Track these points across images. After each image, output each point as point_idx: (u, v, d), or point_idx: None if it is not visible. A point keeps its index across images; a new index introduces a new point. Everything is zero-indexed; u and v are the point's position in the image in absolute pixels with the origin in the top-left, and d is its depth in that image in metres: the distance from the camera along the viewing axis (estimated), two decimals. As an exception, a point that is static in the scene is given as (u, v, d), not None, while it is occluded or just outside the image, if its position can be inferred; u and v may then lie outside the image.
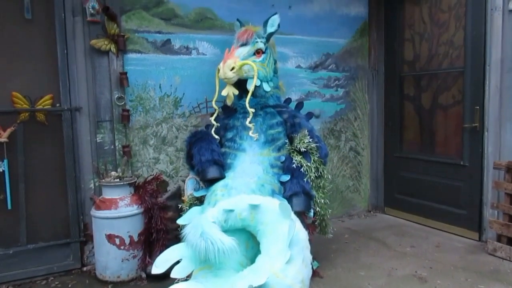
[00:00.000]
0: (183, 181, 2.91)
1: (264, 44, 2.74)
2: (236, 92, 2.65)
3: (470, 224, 3.11)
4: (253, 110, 2.58)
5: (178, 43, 2.94)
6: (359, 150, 3.83)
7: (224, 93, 2.62)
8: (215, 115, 2.70)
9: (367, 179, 3.89)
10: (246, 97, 2.60)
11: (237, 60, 2.58)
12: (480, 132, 2.99)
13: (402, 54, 3.60)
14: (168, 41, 2.91)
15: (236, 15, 2.97)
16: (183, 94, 2.98)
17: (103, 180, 2.58)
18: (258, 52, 2.70)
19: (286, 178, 2.50)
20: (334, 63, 3.62)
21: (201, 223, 1.92)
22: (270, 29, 2.77)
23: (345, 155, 3.75)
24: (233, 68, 2.55)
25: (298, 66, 3.44)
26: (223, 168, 2.51)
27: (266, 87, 2.71)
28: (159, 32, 2.87)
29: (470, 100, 3.05)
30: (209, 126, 2.83)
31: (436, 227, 3.35)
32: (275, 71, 2.87)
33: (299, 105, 2.92)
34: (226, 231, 2.02)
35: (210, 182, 2.47)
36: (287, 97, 3.12)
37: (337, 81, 3.65)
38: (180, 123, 2.99)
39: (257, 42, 2.70)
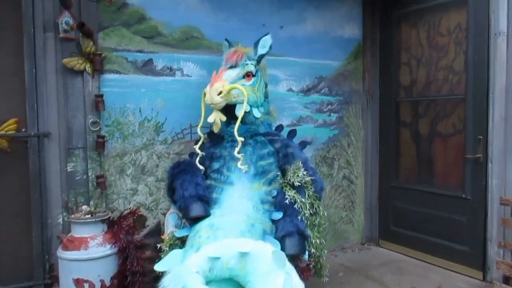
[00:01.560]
0: (164, 214, 2.64)
1: (255, 67, 2.52)
2: (224, 118, 2.42)
3: (473, 262, 2.90)
4: (242, 138, 2.34)
5: (161, 64, 2.70)
6: (353, 178, 3.62)
7: (210, 119, 2.39)
8: (200, 143, 2.45)
9: (361, 209, 3.67)
10: (234, 123, 2.38)
11: (226, 84, 2.35)
12: (484, 164, 2.81)
13: (398, 78, 3.43)
14: (150, 61, 2.66)
15: (224, 35, 2.76)
16: (166, 119, 2.72)
17: (73, 216, 2.28)
18: (248, 75, 2.49)
19: (278, 215, 2.25)
20: (327, 87, 3.42)
21: (182, 275, 1.65)
22: (261, 50, 2.56)
23: (338, 184, 3.53)
24: (220, 92, 2.32)
25: (290, 90, 3.24)
26: (208, 204, 2.25)
27: (257, 113, 2.49)
28: (141, 51, 2.63)
29: (473, 129, 2.87)
30: (193, 154, 2.59)
31: (436, 263, 3.13)
32: (266, 96, 2.65)
33: (292, 133, 2.70)
34: (211, 281, 1.76)
35: (193, 220, 2.21)
36: (278, 123, 2.90)
37: (330, 106, 3.45)
38: (162, 150, 2.73)
39: (247, 64, 2.48)
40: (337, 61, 3.45)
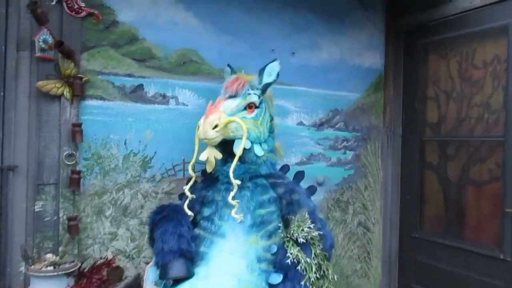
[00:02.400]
0: (147, 263, 2.26)
1: (259, 97, 2.17)
2: (219, 156, 2.06)
3: (513, 338, 2.42)
4: (238, 182, 1.97)
5: (153, 90, 2.38)
6: (369, 225, 3.18)
7: (203, 157, 2.03)
8: (190, 183, 2.09)
9: (378, 261, 3.22)
10: (232, 162, 2.01)
11: (223, 116, 2.00)
12: (527, 221, 2.37)
13: (424, 114, 3.03)
14: (141, 86, 2.34)
15: (227, 60, 2.43)
16: (155, 152, 2.37)
17: (32, 268, 1.92)
18: (250, 106, 2.13)
19: (277, 279, 1.84)
20: (343, 121, 3.05)
21: None
22: (267, 78, 2.21)
23: (352, 232, 3.10)
24: (216, 126, 1.96)
25: (300, 123, 2.87)
26: (192, 261, 1.86)
27: (259, 150, 2.12)
28: (130, 75, 2.31)
29: (513, 178, 2.44)
30: (183, 196, 2.22)
31: (466, 334, 2.65)
32: (271, 130, 2.28)
33: (299, 175, 2.32)
34: None
35: (173, 281, 1.82)
36: (286, 161, 2.53)
37: (345, 142, 3.06)
38: (148, 189, 2.37)
39: (249, 94, 2.14)
40: (355, 92, 3.09)
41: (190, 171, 2.10)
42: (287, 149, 2.77)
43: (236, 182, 1.96)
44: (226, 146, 2.08)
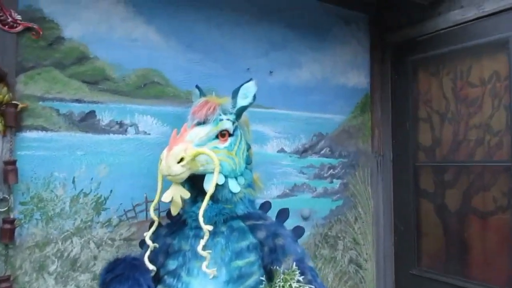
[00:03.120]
0: (102, 327, 1.85)
1: (233, 123, 1.85)
2: (187, 195, 1.71)
3: None
4: (209, 227, 1.62)
5: (108, 117, 2.01)
6: (362, 262, 2.85)
7: (166, 198, 1.67)
8: (152, 229, 1.73)
9: (372, 303, 2.88)
10: (202, 202, 1.67)
11: (189, 147, 1.67)
12: (543, 257, 2.08)
13: (416, 137, 2.76)
14: (92, 113, 1.97)
15: (196, 81, 2.12)
16: (111, 191, 1.99)
17: None
18: (222, 134, 1.81)
19: None
20: (328, 147, 2.74)
21: None
22: (242, 101, 1.89)
23: (343, 270, 2.75)
24: (181, 160, 1.62)
25: (281, 150, 2.54)
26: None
27: (234, 186, 1.79)
28: (79, 101, 1.94)
29: (524, 208, 2.17)
30: (144, 245, 1.85)
31: None
32: (248, 161, 1.96)
33: (283, 214, 1.98)
34: None
35: None
36: (265, 196, 2.19)
37: (332, 170, 2.75)
38: (103, 235, 1.97)
39: (221, 120, 1.81)
40: (340, 114, 2.79)
41: (152, 214, 1.73)
42: (267, 180, 2.44)
43: (207, 228, 1.61)
44: (195, 182, 1.75)
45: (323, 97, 2.71)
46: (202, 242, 1.61)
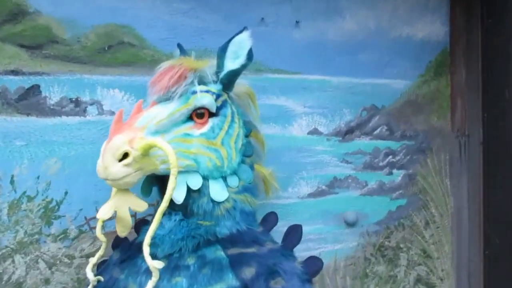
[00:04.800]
0: None
1: (217, 98, 1.23)
2: (142, 206, 1.17)
3: None
4: (159, 264, 1.04)
5: (58, 93, 1.48)
6: (435, 281, 2.06)
7: (102, 214, 1.12)
8: (97, 255, 1.20)
9: None
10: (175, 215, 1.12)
11: (137, 137, 1.09)
12: None
13: (521, 108, 1.87)
14: (35, 89, 1.45)
15: (183, 40, 1.50)
16: (66, 193, 1.48)
17: None
18: (199, 115, 1.20)
19: None
20: (386, 124, 1.96)
21: None
22: (231, 64, 1.26)
23: (407, 295, 2.01)
24: (125, 156, 1.05)
25: (314, 131, 1.83)
26: None
27: (218, 192, 1.21)
28: (15, 72, 1.43)
29: None
30: (101, 265, 1.33)
31: None
32: (248, 152, 1.33)
33: (294, 234, 1.31)
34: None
35: None
36: (279, 203, 1.56)
37: (391, 157, 1.98)
38: (57, 252, 1.48)
39: (194, 93, 1.20)
40: (403, 79, 1.98)
41: (98, 233, 1.20)
42: (293, 173, 1.78)
43: (154, 266, 1.02)
44: (164, 184, 1.17)
45: (377, 56, 1.92)
46: (150, 285, 1.03)
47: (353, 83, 1.87)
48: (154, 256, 1.12)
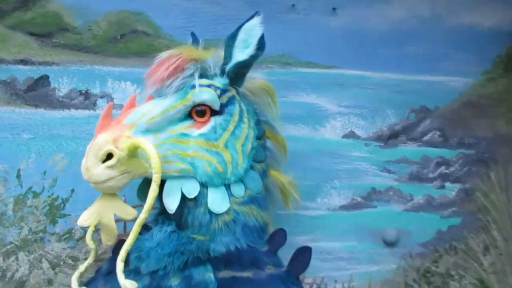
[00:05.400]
0: None
1: (222, 93, 1.07)
2: (130, 214, 1.05)
3: None
4: (132, 286, 0.90)
5: (67, 85, 1.40)
6: (494, 319, 1.75)
7: (83, 220, 1.02)
8: (85, 264, 1.12)
9: None
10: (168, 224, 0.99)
11: (123, 136, 0.96)
12: None
13: None
14: (44, 80, 1.39)
15: (202, 29, 1.36)
16: (72, 191, 1.40)
17: None
18: (200, 112, 1.04)
19: None
20: (439, 129, 1.67)
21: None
22: (239, 54, 1.08)
23: (457, 331, 1.71)
24: (109, 157, 0.93)
25: (350, 135, 1.60)
26: None
27: (217, 202, 1.06)
28: (25, 62, 1.37)
29: None
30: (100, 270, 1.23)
31: None
32: (259, 157, 1.15)
33: (301, 257, 1.11)
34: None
35: None
36: (307, 212, 1.38)
37: (443, 168, 1.68)
38: (61, 252, 1.40)
39: (192, 88, 1.05)
40: (462, 76, 1.67)
41: (88, 239, 1.10)
42: (323, 182, 1.57)
43: (125, 286, 0.89)
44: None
45: (430, 49, 1.64)
46: (122, 307, 0.90)
47: (399, 80, 1.61)
48: (137, 271, 1.00)
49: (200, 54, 1.09)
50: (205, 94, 1.05)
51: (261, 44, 1.06)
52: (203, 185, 1.05)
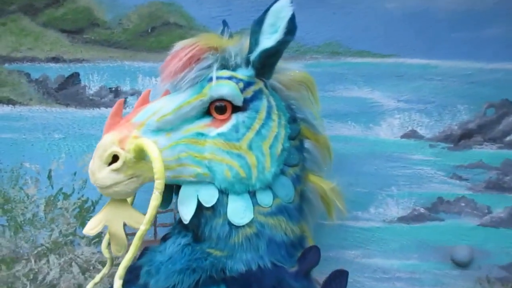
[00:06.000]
0: None
1: (247, 86, 0.92)
2: (139, 221, 0.92)
3: None
4: None
5: (97, 82, 1.34)
6: None
7: (89, 229, 0.92)
8: (100, 275, 1.05)
9: None
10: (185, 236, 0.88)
11: (130, 136, 0.85)
12: None
13: None
14: (75, 78, 1.34)
15: (240, 19, 1.24)
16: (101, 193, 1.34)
17: None
18: (219, 108, 0.90)
19: None
20: (526, 128, 1.38)
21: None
22: (266, 39, 0.92)
23: None
24: (114, 159, 0.83)
25: (411, 134, 1.36)
26: None
27: (239, 212, 0.92)
28: (56, 60, 1.33)
29: None
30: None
31: None
32: (291, 161, 0.99)
33: (337, 283, 0.92)
34: None
35: None
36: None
37: (532, 175, 1.38)
38: (90, 257, 1.35)
39: (210, 81, 0.91)
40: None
41: (104, 248, 1.02)
42: (378, 189, 1.35)
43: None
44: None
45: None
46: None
47: (473, 69, 1.34)
48: (146, 287, 0.88)
49: (221, 42, 0.95)
50: (224, 87, 0.91)
51: (290, 27, 0.90)
52: (223, 192, 0.91)
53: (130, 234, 1.30)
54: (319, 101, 1.11)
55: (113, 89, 1.33)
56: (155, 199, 0.81)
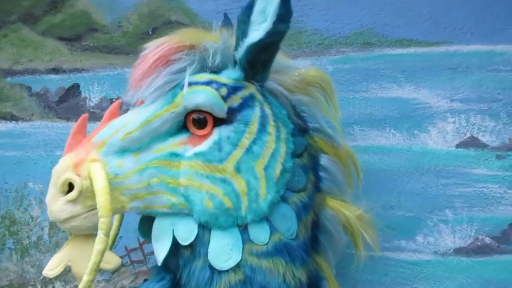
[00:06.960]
0: None
1: (232, 91, 0.75)
2: (113, 262, 0.78)
3: None
4: None
5: (98, 93, 1.22)
6: None
7: (48, 270, 0.79)
8: None
9: None
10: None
11: (87, 160, 0.70)
12: None
13: None
14: (75, 89, 1.22)
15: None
16: (105, 215, 1.22)
17: None
18: (198, 122, 0.72)
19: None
20: None
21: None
22: (255, 31, 0.72)
23: None
24: (69, 188, 0.69)
25: (471, 143, 1.07)
26: None
27: (222, 253, 0.71)
28: (56, 71, 1.23)
29: None
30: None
31: None
32: (295, 185, 0.78)
33: None
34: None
35: None
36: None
37: None
38: (95, 285, 1.23)
39: (190, 87, 0.73)
40: None
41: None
42: (427, 213, 1.08)
43: None
44: None
45: None
46: None
47: (557, 55, 1.02)
48: None
49: (199, 38, 0.76)
50: (199, 95, 0.72)
51: (282, 13, 0.69)
52: (204, 227, 0.72)
53: (135, 261, 1.16)
54: (337, 106, 0.88)
55: (114, 99, 1.20)
56: (100, 242, 0.65)
